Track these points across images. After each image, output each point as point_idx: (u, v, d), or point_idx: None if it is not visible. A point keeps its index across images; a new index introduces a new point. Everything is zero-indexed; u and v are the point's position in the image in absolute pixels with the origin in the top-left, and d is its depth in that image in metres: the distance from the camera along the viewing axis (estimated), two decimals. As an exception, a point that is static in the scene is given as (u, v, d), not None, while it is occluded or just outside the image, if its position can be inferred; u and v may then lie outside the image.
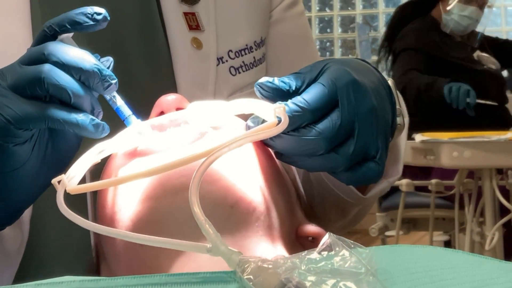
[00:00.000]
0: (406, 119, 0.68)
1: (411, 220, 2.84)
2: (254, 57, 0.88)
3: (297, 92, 0.60)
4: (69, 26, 0.61)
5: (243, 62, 0.87)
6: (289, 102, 0.58)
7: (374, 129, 0.59)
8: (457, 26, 3.04)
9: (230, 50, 0.86)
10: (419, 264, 0.47)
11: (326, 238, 0.43)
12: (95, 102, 0.60)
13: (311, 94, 0.58)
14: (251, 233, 0.58)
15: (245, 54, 0.87)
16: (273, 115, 0.57)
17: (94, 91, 0.60)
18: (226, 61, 0.85)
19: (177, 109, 0.66)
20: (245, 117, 0.64)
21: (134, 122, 0.62)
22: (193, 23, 0.84)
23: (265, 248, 0.59)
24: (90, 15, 0.61)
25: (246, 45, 0.87)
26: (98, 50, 0.78)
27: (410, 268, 0.47)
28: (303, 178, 0.80)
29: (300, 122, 0.58)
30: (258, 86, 0.61)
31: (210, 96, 0.82)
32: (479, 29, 3.15)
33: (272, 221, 0.60)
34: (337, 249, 0.42)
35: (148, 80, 0.81)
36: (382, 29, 5.64)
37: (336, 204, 0.80)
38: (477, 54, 3.08)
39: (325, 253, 0.42)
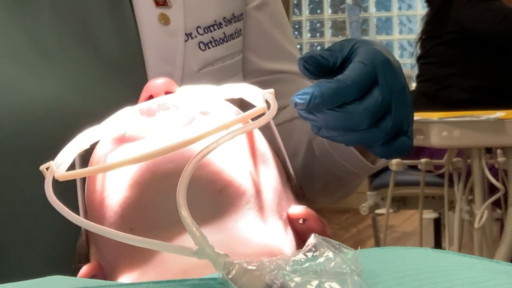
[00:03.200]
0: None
1: (401, 198, 2.85)
2: (224, 33, 0.88)
3: (333, 68, 0.64)
4: None
5: (212, 37, 0.87)
6: (335, 79, 0.61)
7: (406, 105, 0.63)
8: None
9: (199, 26, 0.86)
10: (408, 267, 0.47)
11: (312, 239, 0.44)
12: None
13: (355, 72, 0.61)
14: (241, 216, 0.59)
15: (214, 30, 0.87)
16: (263, 100, 0.58)
17: None
18: (195, 36, 0.85)
19: (166, 93, 0.66)
20: (234, 101, 0.65)
21: None
22: None
23: (257, 230, 0.59)
24: None
25: (215, 21, 0.87)
26: (64, 25, 0.78)
27: (399, 271, 0.47)
28: (306, 151, 0.82)
29: (345, 98, 0.60)
30: (302, 60, 0.64)
31: (179, 71, 0.83)
32: None
33: (263, 204, 0.61)
34: (321, 250, 0.43)
35: (116, 56, 0.81)
36: (372, 9, 5.63)
37: (338, 175, 0.84)
38: None
39: (310, 254, 0.43)
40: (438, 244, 3.32)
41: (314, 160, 0.83)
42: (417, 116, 2.09)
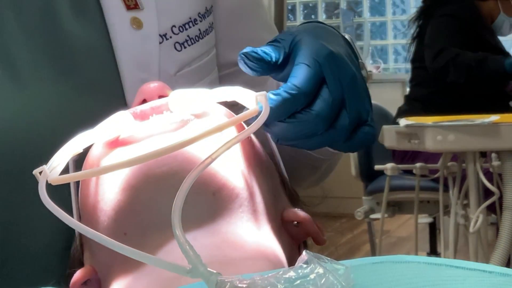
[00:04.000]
0: (366, 71, 0.70)
1: (396, 203, 2.85)
2: (199, 29, 0.85)
3: (277, 64, 0.62)
4: None
5: (188, 36, 0.83)
6: (281, 90, 0.59)
7: (360, 94, 0.61)
8: (506, 29, 3.00)
9: (174, 26, 0.82)
10: (400, 282, 0.47)
11: (303, 256, 0.44)
12: None
13: (300, 78, 0.59)
14: (235, 219, 0.59)
15: (190, 27, 0.83)
16: (255, 103, 0.58)
17: None
18: (170, 37, 0.82)
19: (160, 96, 0.66)
20: (227, 104, 0.65)
21: None
22: (131, 2, 0.80)
23: (250, 234, 0.59)
24: None
25: (190, 18, 0.84)
26: (30, 35, 0.75)
27: (391, 287, 0.47)
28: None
29: (295, 108, 0.59)
30: (242, 56, 0.62)
31: (155, 77, 0.80)
32: None
33: (257, 207, 0.60)
34: (313, 266, 0.43)
35: (88, 66, 0.78)
36: (366, 14, 5.64)
37: (308, 162, 0.84)
38: None
39: (301, 271, 0.43)
40: (433, 249, 3.32)
41: (284, 150, 0.82)
42: (412, 120, 2.09)
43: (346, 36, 0.69)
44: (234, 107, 0.66)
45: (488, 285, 0.47)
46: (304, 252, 0.44)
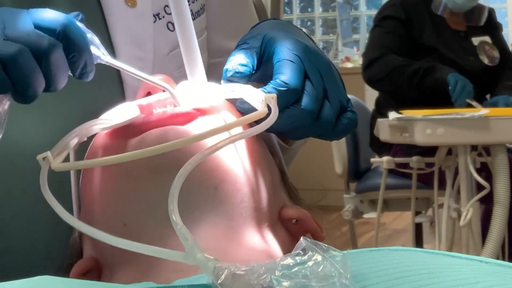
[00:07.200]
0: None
1: (383, 200, 2.79)
2: (191, 10, 0.83)
3: (254, 69, 0.65)
4: None
5: None
6: (271, 87, 0.61)
7: (337, 82, 0.64)
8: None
9: (166, 5, 0.83)
10: (398, 270, 0.48)
11: (300, 243, 0.44)
12: None
13: (288, 75, 0.61)
14: (236, 214, 0.59)
15: None
16: (264, 105, 0.59)
17: None
18: (163, 16, 0.83)
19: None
20: (233, 101, 0.66)
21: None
22: None
23: (250, 229, 0.59)
24: None
25: None
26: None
27: (388, 274, 0.47)
28: None
29: (285, 103, 0.61)
30: (229, 80, 0.64)
31: (150, 55, 0.81)
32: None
33: (257, 203, 0.61)
34: (310, 253, 0.43)
35: None
36: (362, 8, 5.62)
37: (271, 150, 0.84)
38: (480, 39, 2.79)
39: (299, 258, 0.43)
40: (419, 245, 3.29)
41: None
42: (402, 113, 2.08)
43: (304, 30, 0.72)
44: None
45: (484, 273, 0.48)
46: (301, 239, 0.44)
